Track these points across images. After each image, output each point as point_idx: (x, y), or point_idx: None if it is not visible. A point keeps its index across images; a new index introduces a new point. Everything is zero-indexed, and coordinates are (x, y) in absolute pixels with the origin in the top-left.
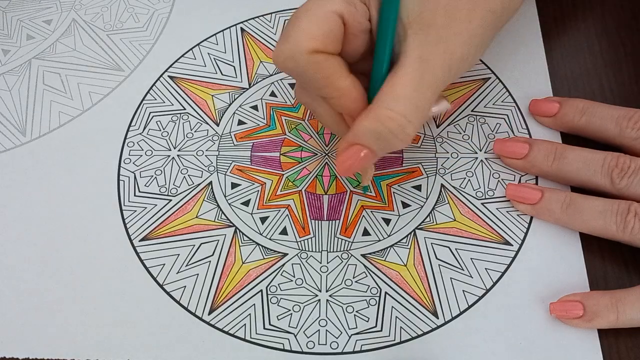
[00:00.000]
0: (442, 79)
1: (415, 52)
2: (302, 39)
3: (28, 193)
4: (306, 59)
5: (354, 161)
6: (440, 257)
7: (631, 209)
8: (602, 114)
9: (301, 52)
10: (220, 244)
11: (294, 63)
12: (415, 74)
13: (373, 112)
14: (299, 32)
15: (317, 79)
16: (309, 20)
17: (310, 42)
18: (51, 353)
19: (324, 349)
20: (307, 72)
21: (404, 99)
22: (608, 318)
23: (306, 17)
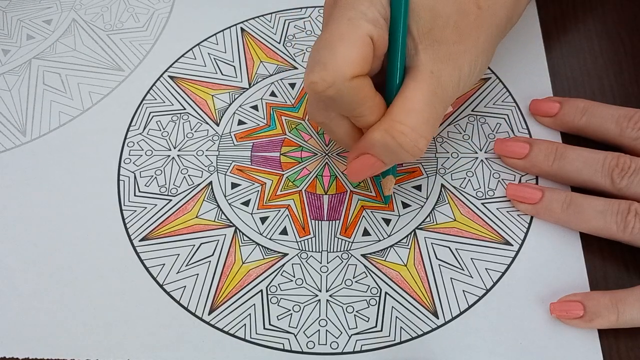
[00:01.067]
0: (452, 94)
1: (427, 66)
2: (343, 66)
3: (28, 193)
4: (348, 85)
5: (363, 169)
6: (440, 257)
7: (631, 209)
8: (602, 114)
9: (343, 80)
10: (220, 244)
11: (336, 91)
12: (428, 89)
13: (385, 125)
14: (339, 59)
15: (354, 101)
16: (346, 46)
17: (352, 68)
18: (51, 353)
19: (324, 349)
20: (346, 97)
21: (416, 113)
22: (608, 318)
23: (342, 43)
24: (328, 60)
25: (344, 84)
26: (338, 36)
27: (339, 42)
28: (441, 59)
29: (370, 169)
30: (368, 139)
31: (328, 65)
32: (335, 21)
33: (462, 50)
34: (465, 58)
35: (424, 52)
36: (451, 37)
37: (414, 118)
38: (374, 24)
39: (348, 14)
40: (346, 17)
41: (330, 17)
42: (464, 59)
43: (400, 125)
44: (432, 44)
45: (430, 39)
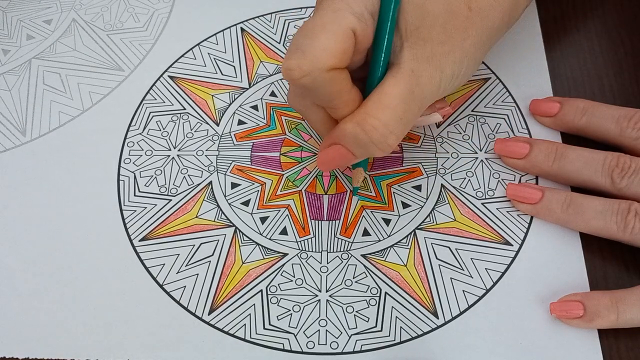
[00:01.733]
0: (430, 95)
1: (408, 64)
2: (322, 56)
3: (28, 193)
4: (325, 76)
5: (332, 159)
6: (440, 257)
7: (631, 209)
8: (602, 114)
9: (321, 70)
10: (220, 244)
11: (311, 80)
12: (406, 87)
13: (358, 117)
14: (318, 48)
15: (329, 92)
16: (327, 37)
17: (330, 59)
18: (51, 353)
19: (324, 349)
20: (322, 88)
21: (390, 110)
22: (608, 318)
23: (324, 33)
24: (307, 48)
25: (320, 75)
26: (320, 26)
27: (320, 31)
28: (424, 58)
29: (340, 159)
30: (340, 129)
31: (307, 53)
32: (321, 10)
33: (447, 51)
34: (448, 59)
35: (409, 50)
36: (438, 36)
37: (387, 114)
38: (359, 17)
39: (335, 5)
40: (332, 7)
41: (319, 6)
42: (447, 60)
43: (372, 119)
44: (418, 42)
45: (417, 36)
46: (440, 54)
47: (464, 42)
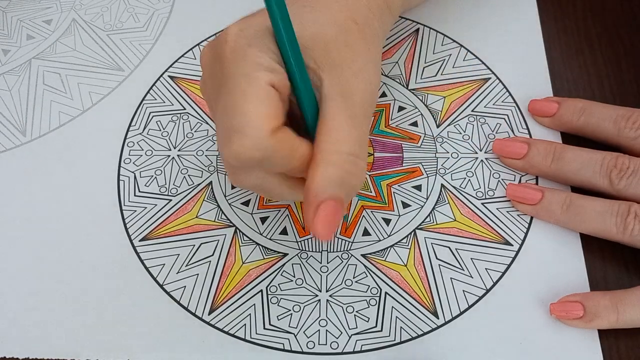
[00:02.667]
0: (369, 108)
1: (335, 91)
2: (259, 124)
3: (28, 193)
4: (271, 141)
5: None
6: (440, 257)
7: (631, 210)
8: (600, 114)
9: (265, 137)
10: (220, 244)
11: (262, 151)
12: (345, 112)
13: (323, 162)
14: (253, 119)
15: (283, 155)
16: (253, 103)
17: (268, 122)
18: (51, 353)
19: (324, 349)
20: (275, 154)
21: (345, 139)
22: (608, 319)
23: (248, 101)
24: (242, 124)
25: (267, 142)
26: (241, 96)
27: (244, 102)
28: (348, 79)
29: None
30: (317, 183)
31: (244, 129)
32: (232, 81)
33: (363, 64)
34: (368, 71)
35: (329, 79)
36: (348, 56)
37: (346, 144)
38: (271, 70)
39: (241, 70)
40: (240, 73)
41: (223, 78)
42: (368, 72)
43: (336, 154)
44: (334, 68)
45: (330, 64)
46: (359, 70)
47: (368, 51)
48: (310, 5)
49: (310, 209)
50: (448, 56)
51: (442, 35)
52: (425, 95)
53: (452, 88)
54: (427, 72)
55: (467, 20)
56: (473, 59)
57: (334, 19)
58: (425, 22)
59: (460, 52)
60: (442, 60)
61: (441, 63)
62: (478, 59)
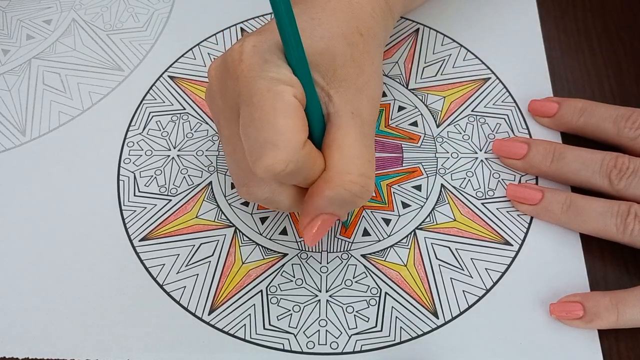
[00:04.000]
0: (374, 123)
1: (346, 109)
2: (292, 137)
3: (28, 193)
4: (303, 154)
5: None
6: (440, 257)
7: (631, 211)
8: (600, 114)
9: (298, 151)
10: (220, 244)
11: (295, 164)
12: (356, 130)
13: (334, 181)
14: (286, 132)
15: (309, 167)
16: (284, 116)
17: (300, 136)
18: (51, 353)
19: (324, 349)
20: (304, 166)
21: (356, 159)
22: (608, 319)
23: (279, 115)
24: (275, 138)
25: (300, 155)
26: (270, 110)
27: (274, 116)
28: (355, 96)
29: (328, 226)
30: (319, 200)
31: (278, 142)
32: (256, 97)
33: (367, 79)
34: (371, 85)
35: (337, 96)
36: (353, 71)
37: (357, 164)
38: (291, 84)
39: (264, 86)
40: (264, 89)
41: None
42: (371, 87)
43: (348, 175)
44: (341, 84)
45: (337, 80)
46: (364, 85)
47: (372, 64)
48: (317, 18)
49: (308, 218)
50: (448, 56)
51: (442, 35)
52: (425, 95)
53: (452, 88)
54: (427, 72)
55: (467, 20)
56: (473, 59)
57: (341, 32)
58: (425, 22)
59: (460, 52)
60: (442, 60)
61: (441, 63)
62: (478, 59)
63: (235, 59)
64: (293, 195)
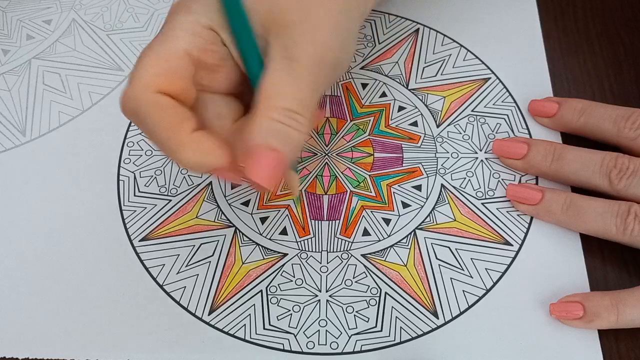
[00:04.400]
0: (321, 71)
1: (279, 54)
2: (145, 76)
3: (28, 193)
4: (150, 98)
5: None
6: (440, 257)
7: (631, 211)
8: (600, 114)
9: (144, 91)
10: (220, 244)
11: (135, 104)
12: (285, 73)
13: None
14: (142, 71)
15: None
16: (151, 58)
17: (154, 79)
18: (51, 353)
19: (324, 349)
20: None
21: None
22: (608, 319)
23: (149, 56)
24: (134, 74)
25: (145, 96)
26: (147, 50)
27: (145, 55)
28: (294, 42)
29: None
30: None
31: (133, 79)
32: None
33: (313, 26)
34: (320, 34)
35: (274, 42)
36: (297, 17)
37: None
38: (193, 34)
39: (165, 27)
40: (162, 30)
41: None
42: (319, 35)
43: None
44: (279, 30)
45: (276, 26)
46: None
47: (327, 12)
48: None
49: (246, 156)
50: (448, 56)
51: (442, 35)
52: (425, 95)
53: (452, 88)
54: (427, 72)
55: (467, 20)
56: (473, 59)
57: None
58: (425, 22)
59: (460, 52)
60: (442, 60)
61: (441, 63)
62: (478, 59)
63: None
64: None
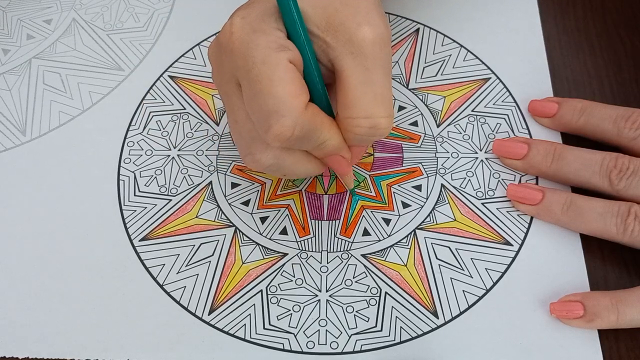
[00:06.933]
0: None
1: (345, 50)
2: (292, 102)
3: (28, 193)
4: (307, 117)
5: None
6: (440, 257)
7: (631, 211)
8: (600, 114)
9: (301, 113)
10: (220, 244)
11: (301, 127)
12: (357, 69)
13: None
14: (286, 99)
15: (316, 129)
16: (281, 85)
17: (300, 100)
18: (51, 353)
19: (324, 349)
20: (312, 129)
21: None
22: (608, 318)
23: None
24: (278, 107)
25: (304, 117)
26: (268, 82)
27: (272, 86)
28: (354, 35)
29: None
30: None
31: (281, 110)
32: (253, 70)
33: (364, 15)
34: (372, 19)
35: (335, 41)
36: (348, 12)
37: (361, 106)
38: (284, 49)
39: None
40: (258, 61)
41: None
42: (372, 20)
43: (354, 120)
44: (337, 29)
45: (333, 26)
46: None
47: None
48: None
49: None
50: (448, 56)
51: (442, 35)
52: (426, 95)
53: (452, 88)
54: (427, 72)
55: (468, 20)
56: (473, 59)
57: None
58: (426, 22)
59: (460, 52)
60: (442, 60)
61: (441, 63)
62: (478, 59)
63: (227, 34)
64: (299, 160)
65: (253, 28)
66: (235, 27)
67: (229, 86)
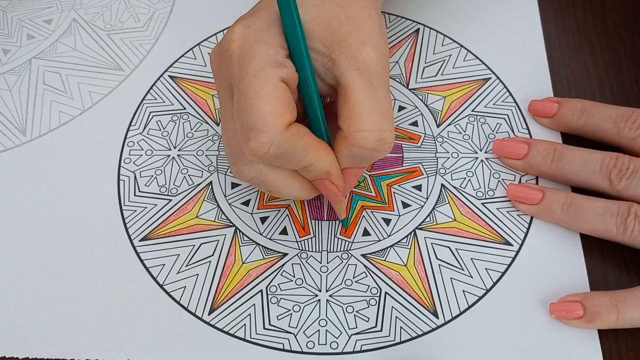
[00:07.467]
0: (385, 74)
1: (350, 67)
2: (273, 120)
3: (28, 193)
4: (286, 136)
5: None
6: (440, 257)
7: (631, 211)
8: (600, 114)
9: (280, 133)
10: (221, 244)
11: (277, 146)
12: (364, 86)
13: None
14: (266, 116)
15: (299, 150)
16: (265, 101)
17: (282, 119)
18: (51, 353)
19: (324, 349)
20: (292, 149)
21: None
22: (608, 319)
23: (261, 100)
24: (256, 122)
25: (283, 137)
26: (253, 96)
27: (257, 101)
28: (358, 52)
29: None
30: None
31: (259, 126)
32: (244, 81)
33: (368, 32)
34: (374, 37)
35: (340, 57)
36: (351, 29)
37: (368, 120)
38: (279, 65)
39: (251, 69)
40: (251, 72)
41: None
42: (374, 38)
43: (361, 133)
44: (342, 45)
45: (338, 42)
46: (366, 38)
47: (370, 17)
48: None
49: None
50: (448, 56)
51: (442, 35)
52: (426, 95)
53: (452, 88)
54: (428, 72)
55: (468, 20)
56: (473, 59)
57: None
58: (426, 22)
59: (460, 52)
60: (442, 61)
61: (441, 63)
62: (478, 59)
63: (228, 41)
64: (283, 178)
65: (257, 38)
66: (236, 35)
67: (226, 93)
